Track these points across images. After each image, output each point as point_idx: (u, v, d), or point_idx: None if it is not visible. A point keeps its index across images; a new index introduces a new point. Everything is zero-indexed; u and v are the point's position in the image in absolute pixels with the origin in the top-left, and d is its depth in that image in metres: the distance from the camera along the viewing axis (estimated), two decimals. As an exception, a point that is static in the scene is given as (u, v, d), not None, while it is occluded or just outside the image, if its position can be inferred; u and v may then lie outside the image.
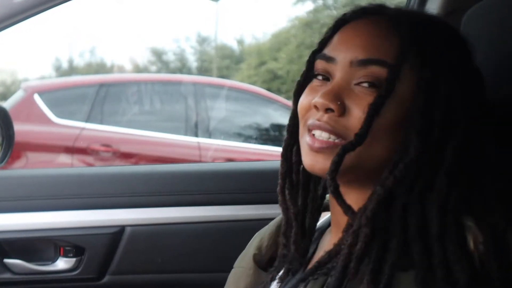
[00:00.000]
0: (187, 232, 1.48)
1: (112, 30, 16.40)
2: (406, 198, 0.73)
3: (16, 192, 1.48)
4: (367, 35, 0.79)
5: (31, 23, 1.12)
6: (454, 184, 0.73)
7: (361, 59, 0.77)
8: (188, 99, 4.84)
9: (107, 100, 4.71)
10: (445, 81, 0.76)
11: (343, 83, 0.78)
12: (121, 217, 1.47)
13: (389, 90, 0.74)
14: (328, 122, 0.77)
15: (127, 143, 4.56)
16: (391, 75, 0.75)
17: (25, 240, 1.47)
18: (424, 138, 0.74)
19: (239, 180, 1.53)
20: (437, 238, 0.70)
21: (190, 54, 14.50)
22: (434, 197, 0.72)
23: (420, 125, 0.74)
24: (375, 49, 0.77)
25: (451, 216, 0.71)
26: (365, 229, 0.72)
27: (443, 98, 0.75)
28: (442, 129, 0.74)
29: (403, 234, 0.72)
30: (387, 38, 0.77)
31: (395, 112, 0.75)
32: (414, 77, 0.76)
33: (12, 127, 1.67)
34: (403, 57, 0.76)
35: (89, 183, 1.51)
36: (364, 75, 0.76)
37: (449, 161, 0.73)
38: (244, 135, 5.02)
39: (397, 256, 0.71)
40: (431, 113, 0.75)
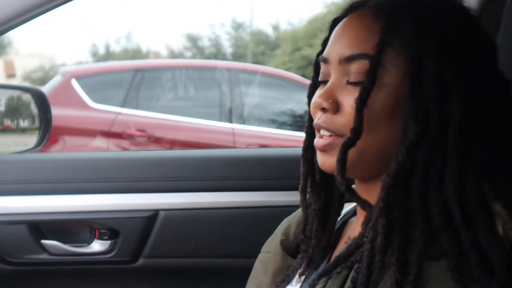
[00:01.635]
0: (220, 217, 1.49)
1: (148, 16, 16.50)
2: (422, 187, 0.72)
3: (54, 175, 1.51)
4: (351, 30, 0.80)
5: (70, 9, 1.14)
6: (468, 168, 0.71)
7: (346, 56, 0.78)
8: (223, 85, 4.85)
9: (142, 86, 4.75)
10: (432, 60, 0.74)
11: (336, 81, 0.79)
12: (155, 201, 1.48)
13: (372, 81, 0.75)
14: (324, 121, 0.79)
15: (161, 128, 4.60)
16: (372, 66, 0.75)
17: (61, 222, 1.49)
18: (419, 120, 0.73)
19: (272, 166, 1.53)
20: (462, 223, 0.69)
21: (225, 40, 14.53)
22: (449, 183, 0.71)
23: (412, 108, 0.74)
24: (358, 43, 0.78)
25: (473, 200, 0.70)
26: (381, 220, 0.72)
27: (432, 78, 0.73)
28: (437, 109, 0.73)
29: (426, 224, 0.71)
30: (370, 30, 0.77)
31: (386, 100, 0.75)
32: (399, 62, 0.75)
33: (49, 110, 1.70)
34: (382, 45, 0.75)
35: (125, 167, 1.52)
36: (352, 71, 0.77)
37: (453, 143, 0.72)
38: (278, 121, 5.01)
39: (424, 245, 0.70)
40: (420, 94, 0.74)
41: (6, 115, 2.07)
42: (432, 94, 0.73)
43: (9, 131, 2.06)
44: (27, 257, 1.47)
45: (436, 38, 0.75)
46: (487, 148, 0.73)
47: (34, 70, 14.80)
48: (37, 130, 1.72)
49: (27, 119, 2.02)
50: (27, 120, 2.03)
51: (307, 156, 0.89)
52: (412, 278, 0.68)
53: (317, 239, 0.88)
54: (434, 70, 0.73)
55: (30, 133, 1.94)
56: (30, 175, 1.50)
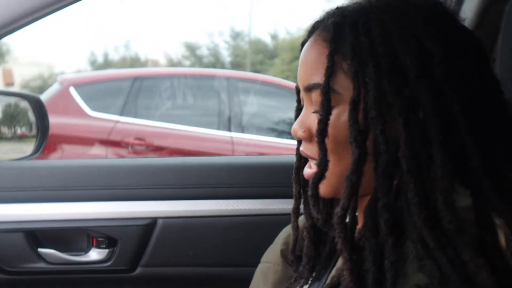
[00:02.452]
0: (219, 225, 1.47)
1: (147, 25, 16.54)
2: (387, 215, 0.70)
3: (51, 182, 1.49)
4: (306, 59, 0.80)
5: (68, 17, 1.13)
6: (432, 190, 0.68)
7: (305, 86, 0.79)
8: (222, 93, 4.84)
9: (141, 94, 4.74)
10: (373, 84, 0.71)
11: (306, 110, 0.81)
12: (154, 209, 1.47)
13: (325, 111, 0.75)
14: (304, 148, 0.81)
15: (160, 136, 4.59)
16: (323, 95, 0.75)
17: (59, 230, 1.47)
18: (360, 146, 0.72)
19: (271, 174, 1.51)
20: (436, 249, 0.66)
21: (223, 48, 14.54)
22: (413, 210, 0.68)
23: (352, 134, 0.72)
24: (312, 73, 0.78)
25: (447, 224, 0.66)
26: (343, 257, 0.72)
27: (372, 101, 0.71)
28: (381, 133, 0.71)
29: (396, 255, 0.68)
30: (320, 57, 0.77)
31: (347, 125, 0.74)
32: (349, 85, 0.74)
33: (47, 117, 1.69)
34: (329, 73, 0.75)
35: (123, 175, 1.51)
36: (314, 100, 0.78)
37: (406, 168, 0.69)
38: (277, 130, 4.99)
39: (393, 278, 0.67)
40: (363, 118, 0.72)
41: (3, 122, 2.06)
42: (374, 118, 0.71)
43: (6, 138, 2.05)
44: (24, 266, 1.45)
45: (375, 59, 0.72)
46: (448, 164, 0.69)
47: (32, 79, 14.79)
48: (34, 138, 1.71)
49: (24, 126, 2.01)
50: (24, 127, 2.01)
51: (298, 177, 0.89)
52: None
53: (308, 257, 0.89)
54: (374, 93, 0.72)
55: (27, 141, 1.93)
56: (27, 182, 1.49)
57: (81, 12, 11.94)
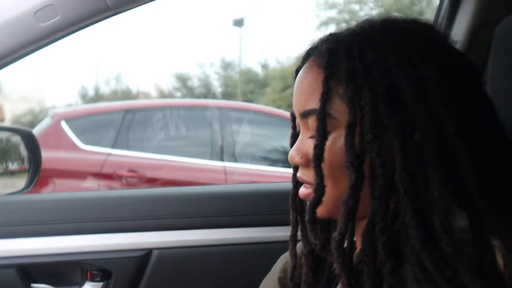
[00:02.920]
0: (215, 254, 1.46)
1: (137, 57, 16.63)
2: (385, 239, 0.69)
3: (43, 216, 1.47)
4: (301, 85, 0.80)
5: (58, 53, 1.14)
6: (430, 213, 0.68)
7: (301, 112, 0.80)
8: (214, 124, 4.85)
9: (133, 126, 4.74)
10: (369, 108, 0.72)
11: (302, 136, 0.81)
12: (148, 240, 1.45)
13: (321, 136, 0.75)
14: (301, 174, 0.81)
15: (153, 168, 4.58)
16: (319, 121, 0.75)
17: (52, 264, 1.45)
18: (356, 170, 0.72)
19: (266, 201, 1.50)
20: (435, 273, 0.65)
21: (214, 79, 14.63)
22: (412, 233, 0.68)
23: (348, 158, 0.72)
24: (308, 99, 0.78)
25: (446, 247, 0.66)
26: (340, 281, 0.72)
27: (368, 125, 0.72)
28: (378, 156, 0.71)
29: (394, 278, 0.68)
30: (315, 83, 0.77)
31: (343, 149, 0.74)
32: (345, 110, 0.74)
33: (39, 151, 1.68)
34: (325, 98, 0.75)
35: (116, 206, 1.49)
36: (310, 126, 0.78)
37: (402, 191, 0.69)
38: (270, 158, 5.00)
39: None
40: (357, 143, 0.73)
41: (-6, 158, 2.04)
42: (369, 143, 0.72)
43: (-2, 173, 2.03)
44: None
45: (370, 83, 0.73)
46: (445, 187, 0.69)
47: (23, 114, 14.80)
48: (26, 173, 1.70)
49: (16, 161, 2.00)
50: (16, 162, 2.00)
51: (295, 204, 0.89)
52: None
53: (307, 284, 0.89)
54: (370, 117, 0.72)
55: (19, 176, 1.91)
56: (19, 216, 1.47)
57: (72, 47, 12.01)
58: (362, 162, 0.72)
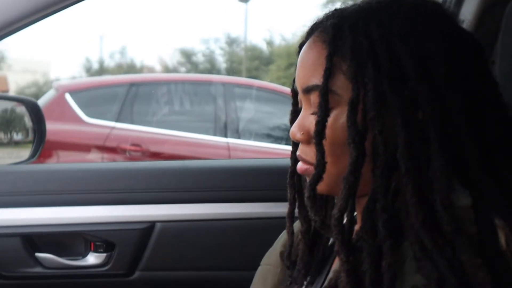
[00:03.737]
0: (217, 228, 1.47)
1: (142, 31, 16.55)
2: (386, 216, 0.69)
3: (48, 186, 1.48)
4: (305, 60, 0.79)
5: (64, 24, 1.13)
6: (430, 191, 0.68)
7: (304, 88, 0.79)
8: (218, 99, 4.84)
9: (137, 100, 4.73)
10: (372, 84, 0.71)
11: (304, 112, 0.80)
12: (152, 213, 1.46)
13: (323, 112, 0.74)
14: (301, 151, 0.80)
15: (156, 143, 4.58)
16: (321, 96, 0.74)
17: (56, 234, 1.46)
18: (358, 148, 0.72)
19: (270, 177, 1.51)
20: (434, 250, 0.65)
21: (219, 55, 14.57)
22: (411, 210, 0.68)
23: (350, 135, 0.72)
24: (311, 74, 0.77)
25: (446, 226, 0.66)
26: (340, 258, 0.72)
27: (371, 102, 0.71)
28: (380, 134, 0.71)
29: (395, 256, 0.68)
30: (319, 59, 0.76)
31: (343, 125, 0.73)
32: (348, 86, 0.74)
33: (44, 121, 1.68)
34: (328, 74, 0.74)
35: (120, 178, 1.50)
36: (312, 102, 0.77)
37: (404, 169, 0.69)
38: (273, 135, 4.99)
39: (391, 281, 0.67)
40: (360, 119, 0.72)
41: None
42: (372, 119, 0.71)
43: (2, 144, 2.03)
44: (21, 271, 1.44)
45: (374, 60, 0.72)
46: (447, 165, 0.68)
47: (27, 86, 14.78)
48: (30, 143, 1.70)
49: (20, 132, 2.00)
50: (20, 133, 2.00)
51: (293, 181, 0.89)
52: None
53: (304, 262, 0.88)
54: (373, 93, 0.71)
55: (23, 147, 1.92)
56: (24, 187, 1.48)
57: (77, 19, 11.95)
58: (363, 139, 0.72)
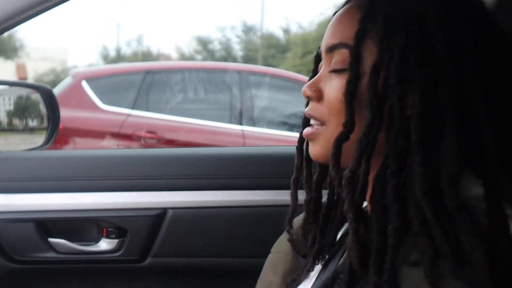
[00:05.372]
0: (229, 216, 1.47)
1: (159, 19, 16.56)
2: (394, 182, 0.70)
3: (61, 172, 1.49)
4: (336, 22, 0.81)
5: (81, 13, 1.13)
6: (437, 165, 0.68)
7: (329, 46, 0.79)
8: (233, 87, 4.84)
9: (152, 88, 4.74)
10: (398, 52, 0.72)
11: (322, 71, 0.81)
12: (164, 200, 1.47)
13: (354, 72, 0.74)
14: (310, 108, 0.81)
15: (172, 130, 4.59)
16: (352, 57, 0.75)
17: (69, 220, 1.48)
18: (375, 111, 0.72)
19: (282, 164, 1.50)
20: (433, 221, 0.65)
21: (235, 43, 14.54)
22: (416, 180, 0.68)
23: (369, 97, 0.72)
24: (339, 33, 0.79)
25: (449, 202, 0.66)
26: (348, 217, 0.72)
27: (394, 69, 0.72)
28: (398, 101, 0.71)
29: (401, 221, 0.68)
30: (350, 20, 0.77)
31: (364, 89, 0.74)
32: (375, 52, 0.74)
33: (58, 108, 1.69)
34: (360, 35, 0.75)
35: (133, 165, 1.51)
36: (333, 60, 0.78)
37: (414, 138, 0.69)
38: (288, 123, 4.98)
39: (395, 244, 0.67)
40: (381, 84, 0.72)
41: (15, 114, 2.06)
42: (392, 86, 0.72)
43: (18, 130, 2.05)
44: (34, 255, 1.46)
45: (406, 31, 0.72)
46: (460, 143, 0.68)
47: (45, 73, 14.88)
48: (45, 130, 1.71)
49: (35, 118, 2.02)
50: (35, 119, 2.02)
51: (301, 148, 0.91)
52: (387, 284, 0.67)
53: (305, 230, 0.90)
54: (397, 62, 0.72)
55: (38, 133, 1.93)
56: (38, 172, 1.49)
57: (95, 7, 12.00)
58: (382, 103, 0.72)
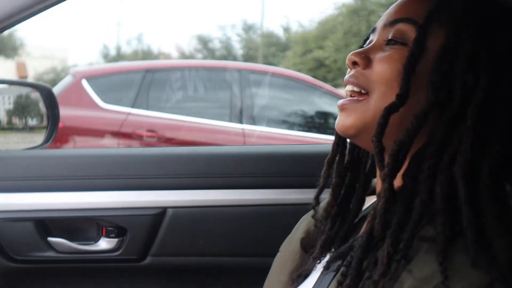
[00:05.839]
0: (229, 215, 1.47)
1: (159, 18, 16.55)
2: (433, 160, 0.71)
3: (61, 171, 1.49)
4: (404, 0, 0.82)
5: (81, 12, 1.13)
6: (484, 152, 0.70)
7: (391, 20, 0.80)
8: (233, 86, 4.84)
9: (152, 86, 4.74)
10: (470, 39, 0.74)
11: (376, 43, 0.81)
12: (163, 199, 1.46)
13: (419, 48, 0.75)
14: (353, 74, 0.81)
15: (172, 129, 4.59)
16: (420, 32, 0.76)
17: (68, 219, 1.47)
18: (438, 93, 0.73)
19: (283, 163, 1.50)
20: (465, 203, 0.67)
21: (236, 41, 14.54)
22: (459, 160, 0.70)
23: (433, 79, 0.74)
24: (405, 9, 0.80)
25: (485, 189, 0.68)
26: (384, 185, 0.72)
27: (463, 56, 0.73)
28: (461, 87, 0.73)
29: (429, 198, 0.70)
30: (422, 1, 0.79)
31: (424, 68, 0.75)
32: (439, 34, 0.76)
33: (57, 107, 1.69)
34: (431, 15, 0.76)
35: (132, 164, 1.50)
36: (392, 33, 0.79)
37: (470, 123, 0.71)
38: (288, 122, 4.98)
39: (420, 216, 0.69)
40: (448, 69, 0.74)
41: (14, 113, 2.06)
42: (460, 71, 0.73)
43: (17, 129, 2.05)
44: (34, 255, 1.45)
45: (479, 22, 0.75)
46: (508, 140, 0.71)
47: (45, 72, 14.89)
48: (44, 129, 1.71)
49: (35, 117, 2.01)
50: (35, 118, 2.02)
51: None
52: (400, 255, 0.68)
53: (328, 213, 0.90)
54: (468, 50, 0.73)
55: (38, 132, 1.93)
56: (37, 171, 1.49)
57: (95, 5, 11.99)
58: (444, 85, 0.73)
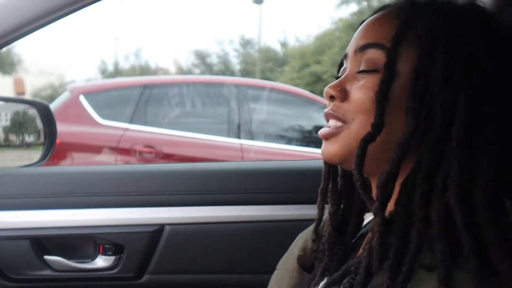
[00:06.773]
0: (227, 231, 1.46)
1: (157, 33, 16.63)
2: (424, 187, 0.69)
3: (58, 188, 1.48)
4: (371, 23, 0.80)
5: (79, 27, 1.13)
6: (474, 173, 0.68)
7: (361, 45, 0.79)
8: (231, 101, 4.84)
9: (150, 102, 4.75)
10: (442, 56, 0.72)
11: (349, 73, 0.80)
12: (161, 216, 1.45)
13: (390, 74, 0.74)
14: (332, 108, 0.80)
15: (170, 144, 4.59)
16: (389, 57, 0.74)
17: (65, 237, 1.46)
18: (417, 117, 0.71)
19: (280, 179, 1.49)
20: (464, 229, 0.65)
21: (233, 57, 14.59)
22: (451, 185, 0.68)
23: (411, 104, 0.72)
24: (373, 34, 0.78)
25: (481, 209, 0.66)
26: (376, 220, 0.70)
27: (438, 76, 0.72)
28: (441, 108, 0.71)
29: (425, 227, 0.68)
30: (387, 23, 0.78)
31: (394, 93, 0.74)
32: (411, 56, 0.74)
33: (54, 124, 1.69)
34: (399, 38, 0.75)
35: (129, 181, 1.49)
36: (364, 61, 0.77)
37: (455, 144, 0.69)
38: (286, 137, 4.99)
39: (417, 248, 0.67)
40: (424, 91, 0.72)
41: (11, 130, 2.05)
42: (436, 92, 0.71)
43: (14, 146, 2.05)
44: (30, 273, 1.44)
45: (448, 37, 0.73)
46: (498, 155, 0.69)
47: (43, 88, 14.91)
48: (42, 145, 1.70)
49: (32, 134, 2.01)
50: (32, 135, 2.01)
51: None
52: (400, 286, 0.66)
53: (329, 243, 0.88)
54: (441, 68, 0.72)
55: (34, 149, 1.92)
56: (34, 189, 1.48)
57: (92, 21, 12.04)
58: (423, 109, 0.72)
